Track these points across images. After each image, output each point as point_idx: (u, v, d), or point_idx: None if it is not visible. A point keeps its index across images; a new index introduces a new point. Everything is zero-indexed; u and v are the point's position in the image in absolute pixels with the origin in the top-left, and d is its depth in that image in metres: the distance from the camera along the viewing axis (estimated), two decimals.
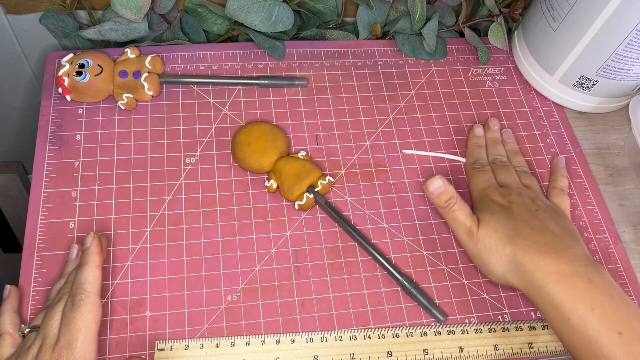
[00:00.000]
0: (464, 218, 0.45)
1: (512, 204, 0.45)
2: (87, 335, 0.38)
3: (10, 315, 0.41)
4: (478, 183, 0.49)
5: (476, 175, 0.49)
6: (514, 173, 0.49)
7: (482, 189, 0.48)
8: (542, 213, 0.44)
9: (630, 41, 0.47)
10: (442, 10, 0.59)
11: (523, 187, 0.48)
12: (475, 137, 0.53)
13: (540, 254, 0.40)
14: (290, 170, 0.48)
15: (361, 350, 0.43)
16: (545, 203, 0.47)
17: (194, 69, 0.55)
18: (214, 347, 0.42)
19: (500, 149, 0.52)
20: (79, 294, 0.39)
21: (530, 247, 0.41)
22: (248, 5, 0.51)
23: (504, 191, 0.46)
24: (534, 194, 0.47)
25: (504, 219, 0.43)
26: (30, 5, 0.54)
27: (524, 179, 0.49)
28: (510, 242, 0.42)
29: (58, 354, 0.36)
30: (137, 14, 0.51)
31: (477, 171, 0.50)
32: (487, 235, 0.43)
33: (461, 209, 0.45)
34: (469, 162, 0.52)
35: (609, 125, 0.57)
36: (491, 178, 0.49)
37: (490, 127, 0.54)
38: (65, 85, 0.50)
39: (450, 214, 0.45)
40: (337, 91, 0.56)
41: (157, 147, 0.50)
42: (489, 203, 0.45)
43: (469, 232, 0.44)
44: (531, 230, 0.42)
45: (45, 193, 0.47)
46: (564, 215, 0.46)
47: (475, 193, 0.48)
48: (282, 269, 0.46)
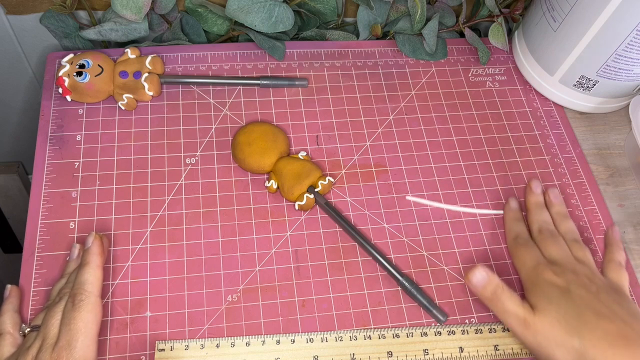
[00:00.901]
0: (514, 308, 0.41)
1: (569, 284, 0.40)
2: (87, 336, 0.38)
3: (10, 315, 0.41)
4: (525, 260, 0.44)
5: (521, 251, 0.45)
6: (564, 245, 0.45)
7: (530, 267, 0.43)
8: (603, 294, 0.40)
9: (630, 41, 0.47)
10: (442, 10, 0.59)
11: (576, 262, 0.43)
12: (512, 210, 0.49)
13: (613, 348, 0.37)
14: (290, 170, 0.48)
15: (361, 350, 0.43)
16: (604, 281, 0.43)
17: (194, 69, 0.55)
18: (214, 347, 0.42)
19: (545, 215, 0.48)
20: (79, 294, 0.39)
21: (600, 339, 0.37)
22: (248, 5, 0.51)
23: (557, 269, 0.42)
24: (590, 271, 0.43)
25: (564, 305, 0.39)
26: (30, 5, 0.54)
27: (575, 251, 0.45)
28: (577, 333, 0.38)
29: (57, 354, 0.36)
30: (137, 14, 0.51)
31: (520, 246, 0.45)
32: (548, 326, 0.39)
33: (510, 298, 0.41)
34: (510, 238, 0.47)
35: (609, 125, 0.57)
36: (538, 254, 0.44)
37: (533, 189, 0.50)
38: (65, 85, 0.50)
39: (499, 305, 0.41)
40: (337, 91, 0.56)
41: (157, 147, 0.50)
42: (543, 285, 0.41)
43: (523, 324, 0.40)
44: (598, 319, 0.38)
45: (45, 193, 0.47)
46: (624, 295, 0.43)
47: (524, 272, 0.44)
48: (282, 269, 0.46)
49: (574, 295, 0.40)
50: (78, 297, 0.39)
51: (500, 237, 0.49)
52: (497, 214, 0.50)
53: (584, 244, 0.46)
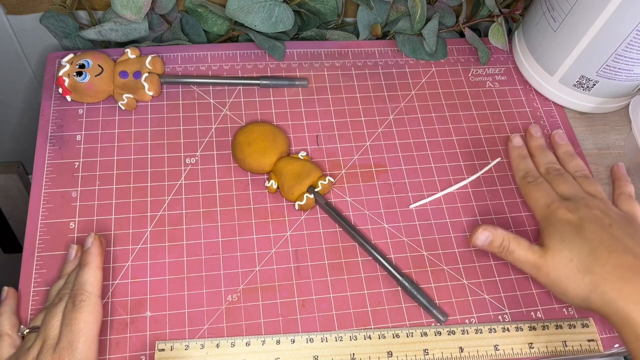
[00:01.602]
0: (524, 254, 0.42)
1: (582, 220, 0.41)
2: (88, 336, 0.38)
3: (8, 316, 0.41)
4: (538, 198, 0.44)
5: (532, 189, 0.45)
6: (573, 182, 0.45)
7: (544, 206, 0.44)
8: (616, 227, 0.41)
9: (630, 41, 0.47)
10: (442, 10, 0.59)
11: (589, 196, 0.44)
12: (516, 148, 0.49)
13: (623, 280, 0.38)
14: (290, 170, 0.48)
15: (361, 350, 0.43)
16: (617, 213, 0.43)
17: (194, 69, 0.55)
18: (214, 347, 0.42)
19: (550, 156, 0.48)
20: (79, 295, 0.39)
21: (610, 273, 0.38)
22: (248, 5, 0.51)
23: (570, 205, 0.42)
24: (603, 204, 0.43)
25: (578, 244, 0.40)
26: (30, 5, 0.54)
27: (586, 186, 0.45)
28: (588, 270, 0.39)
29: (59, 355, 0.36)
30: (137, 14, 0.51)
31: (530, 184, 0.46)
32: (562, 265, 0.40)
33: (518, 246, 0.42)
34: (519, 177, 0.48)
35: (609, 125, 0.57)
36: (550, 191, 0.44)
37: (532, 133, 0.50)
38: (65, 85, 0.50)
39: (509, 255, 0.42)
40: (337, 91, 0.56)
41: (157, 147, 0.50)
42: (556, 223, 0.42)
43: (535, 267, 0.41)
44: (609, 253, 0.39)
45: (45, 193, 0.47)
46: (637, 225, 0.43)
47: (538, 211, 0.44)
48: (282, 269, 0.46)
49: (587, 231, 0.40)
50: (79, 298, 0.39)
51: None
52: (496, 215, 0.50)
53: (594, 179, 0.47)
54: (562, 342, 0.44)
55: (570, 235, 0.41)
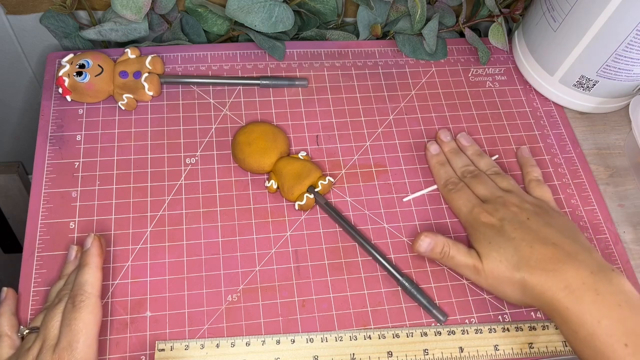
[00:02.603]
0: (464, 259, 0.44)
1: (502, 221, 0.43)
2: (88, 336, 0.38)
3: (7, 317, 0.41)
4: (460, 205, 0.47)
5: (453, 197, 0.48)
6: (488, 181, 0.48)
7: (466, 212, 0.46)
8: (533, 220, 0.43)
9: (630, 41, 0.47)
10: (442, 10, 0.59)
11: (504, 192, 0.47)
12: (434, 156, 0.51)
13: (546, 272, 0.40)
14: (290, 170, 0.48)
15: (361, 350, 0.43)
16: (531, 203, 0.46)
17: (194, 69, 0.55)
18: (214, 347, 0.42)
19: (463, 159, 0.51)
20: (79, 295, 0.39)
21: (535, 268, 0.40)
22: (248, 5, 0.51)
23: (490, 207, 0.45)
24: (517, 197, 0.46)
25: (503, 245, 0.42)
26: (30, 5, 0.54)
27: (500, 182, 0.48)
28: (516, 268, 0.41)
29: (59, 355, 0.36)
30: (137, 14, 0.51)
31: (452, 192, 0.48)
32: (494, 269, 0.42)
33: (458, 252, 0.44)
34: (440, 185, 0.50)
35: (609, 125, 0.57)
36: (470, 196, 0.47)
37: (442, 139, 0.52)
38: (65, 85, 0.50)
39: (450, 260, 0.44)
40: (337, 91, 0.56)
41: (157, 147, 0.50)
42: (480, 228, 0.44)
43: (474, 270, 0.43)
44: (532, 248, 0.41)
45: (45, 193, 0.47)
46: (552, 211, 0.46)
47: (462, 217, 0.47)
48: (282, 269, 0.46)
49: (508, 230, 0.43)
50: (78, 298, 0.39)
51: None
52: None
53: (505, 173, 0.50)
54: (562, 342, 0.44)
55: (494, 237, 0.43)
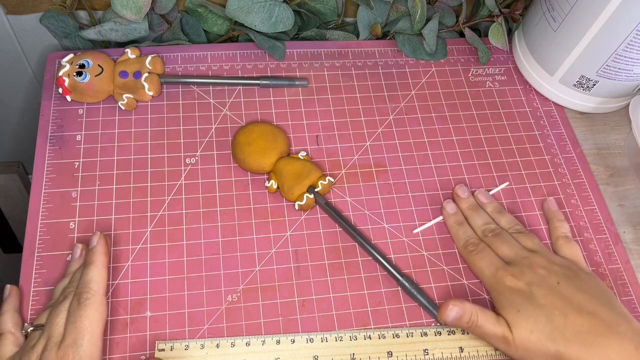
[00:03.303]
0: (493, 328, 0.40)
1: (531, 287, 0.41)
2: (93, 334, 0.38)
3: (11, 314, 0.41)
4: (482, 268, 0.44)
5: (475, 260, 0.45)
6: (511, 240, 0.45)
7: (489, 275, 0.43)
8: (564, 284, 0.41)
9: (630, 41, 0.47)
10: (442, 10, 0.59)
11: (529, 253, 0.44)
12: (451, 215, 0.48)
13: (585, 347, 0.37)
14: (290, 170, 0.48)
15: (361, 350, 0.43)
16: (560, 265, 0.43)
17: (194, 69, 0.55)
18: (214, 347, 0.42)
19: (484, 217, 0.48)
20: (85, 293, 0.39)
21: (571, 341, 0.38)
22: (248, 5, 0.51)
23: (515, 270, 0.42)
24: (544, 258, 0.43)
25: (533, 313, 0.39)
26: (30, 5, 0.54)
27: (524, 242, 0.45)
28: (550, 340, 0.38)
29: (64, 352, 0.36)
30: (137, 14, 0.51)
31: (473, 254, 0.45)
32: (525, 340, 0.39)
33: (486, 320, 0.41)
34: (460, 246, 0.47)
35: (609, 125, 0.57)
36: (492, 258, 0.44)
37: (460, 195, 0.49)
38: (65, 85, 0.50)
39: (478, 329, 0.41)
40: (337, 91, 0.56)
41: (157, 147, 0.50)
42: (507, 293, 0.41)
43: (504, 341, 0.40)
44: (566, 318, 0.39)
45: (45, 193, 0.47)
46: (583, 273, 0.43)
47: (485, 281, 0.44)
48: (282, 269, 0.46)
49: (538, 297, 0.40)
50: (84, 296, 0.39)
51: None
52: None
53: (528, 232, 0.47)
54: None
55: (523, 304, 0.40)
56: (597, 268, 0.48)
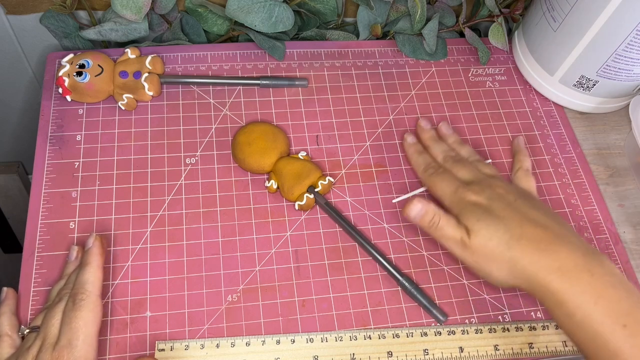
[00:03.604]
0: (452, 231, 0.42)
1: (490, 200, 0.43)
2: (88, 335, 0.38)
3: (8, 317, 0.41)
4: (443, 188, 0.45)
5: (436, 180, 0.46)
6: (471, 166, 0.47)
7: (450, 193, 0.45)
8: (520, 202, 0.43)
9: (630, 41, 0.47)
10: (442, 10, 0.59)
11: (488, 177, 0.46)
12: (411, 145, 0.51)
13: (539, 252, 0.39)
14: (290, 170, 0.48)
15: (361, 350, 0.43)
16: (517, 189, 0.46)
17: (194, 69, 0.55)
18: (214, 347, 0.42)
19: (444, 145, 0.50)
20: (79, 294, 0.39)
21: (527, 246, 0.40)
22: (248, 5, 0.51)
23: (475, 187, 0.44)
24: (503, 182, 0.45)
25: (492, 222, 0.41)
26: (30, 5, 0.54)
27: (483, 168, 0.47)
28: (507, 246, 0.40)
29: (58, 353, 0.36)
30: (137, 14, 0.51)
31: (434, 176, 0.47)
32: (482, 245, 0.41)
33: (447, 222, 0.43)
34: (420, 171, 0.49)
35: (609, 125, 0.57)
36: (453, 177, 0.46)
37: (423, 126, 0.52)
38: (65, 85, 0.50)
39: (438, 231, 0.43)
40: (337, 91, 0.56)
41: (157, 147, 0.50)
42: (468, 206, 0.43)
43: (461, 244, 0.42)
44: (522, 228, 0.41)
45: (45, 193, 0.47)
46: (536, 198, 0.46)
47: (446, 199, 0.45)
48: (282, 269, 0.46)
49: (497, 209, 0.42)
50: (79, 297, 0.39)
51: None
52: None
53: (487, 163, 0.49)
54: (562, 342, 0.44)
55: (483, 215, 0.42)
56: None
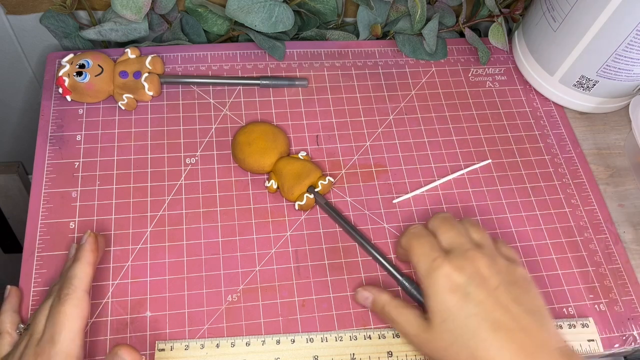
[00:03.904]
0: (409, 328, 0.39)
1: (468, 286, 0.37)
2: (70, 330, 0.37)
3: (9, 314, 0.41)
4: (421, 253, 0.39)
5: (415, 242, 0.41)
6: (462, 229, 0.41)
7: (426, 262, 0.39)
8: (502, 289, 0.37)
9: (630, 41, 0.47)
10: (442, 10, 0.59)
11: (474, 247, 0.39)
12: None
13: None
14: (290, 170, 0.48)
15: (361, 350, 0.43)
16: (503, 266, 0.39)
17: (194, 69, 0.55)
18: (214, 347, 0.42)
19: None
20: (65, 288, 0.39)
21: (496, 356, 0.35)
22: (248, 5, 0.51)
23: (456, 261, 0.38)
24: (489, 256, 0.39)
25: (459, 323, 0.36)
26: (30, 5, 0.54)
27: (473, 232, 0.41)
28: (472, 356, 0.36)
29: (41, 349, 0.36)
30: (137, 14, 0.51)
31: (415, 237, 0.41)
32: (441, 349, 0.37)
33: (399, 316, 0.40)
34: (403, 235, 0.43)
35: (609, 125, 0.57)
36: (435, 242, 0.40)
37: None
38: (65, 85, 0.50)
39: (390, 321, 0.41)
40: (337, 91, 0.56)
41: (157, 147, 0.50)
42: (439, 290, 0.37)
43: (416, 339, 0.39)
44: (494, 334, 0.35)
45: (45, 193, 0.47)
46: (522, 279, 0.39)
47: (420, 267, 0.39)
48: (282, 269, 0.46)
49: (472, 302, 0.37)
50: (64, 292, 0.38)
51: (500, 237, 0.49)
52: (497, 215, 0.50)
53: (478, 223, 0.43)
54: None
55: (453, 311, 0.37)
56: (597, 268, 0.48)
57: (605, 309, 0.46)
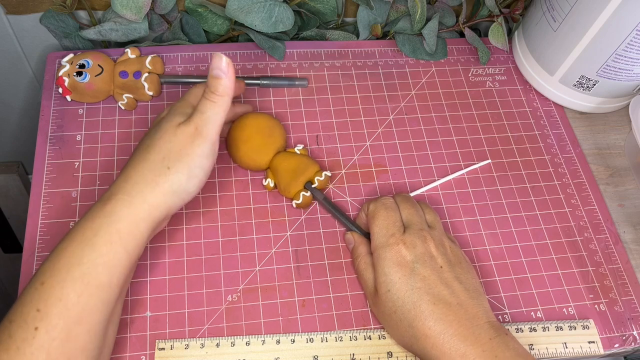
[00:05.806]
0: (365, 282, 0.43)
1: (415, 263, 0.40)
2: None
3: None
4: (381, 220, 0.43)
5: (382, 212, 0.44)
6: (419, 207, 0.45)
7: (385, 235, 0.42)
8: (446, 269, 0.41)
9: (630, 41, 0.47)
10: (442, 10, 0.59)
11: (427, 228, 0.43)
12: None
13: (443, 337, 0.38)
14: (287, 166, 0.47)
15: (361, 350, 0.43)
16: (450, 248, 0.43)
17: (194, 69, 0.55)
18: (214, 346, 0.42)
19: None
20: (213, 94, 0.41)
21: (431, 329, 0.38)
22: (248, 5, 0.51)
23: (408, 239, 0.41)
24: (438, 238, 0.43)
25: (402, 295, 0.40)
26: (30, 5, 0.54)
27: (427, 213, 0.45)
28: (410, 325, 0.39)
29: None
30: (137, 14, 0.51)
31: (383, 208, 0.44)
32: (386, 314, 0.41)
33: (365, 270, 0.43)
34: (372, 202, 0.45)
35: (609, 125, 0.57)
36: (397, 219, 0.43)
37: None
38: (65, 85, 0.50)
39: (357, 274, 0.45)
40: (337, 91, 0.56)
41: None
42: (389, 264, 0.41)
43: (372, 295, 0.42)
44: (433, 306, 0.39)
45: (45, 193, 0.47)
46: (465, 262, 0.43)
47: (378, 237, 0.42)
48: (282, 269, 0.46)
49: (417, 275, 0.40)
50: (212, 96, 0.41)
51: (500, 237, 0.49)
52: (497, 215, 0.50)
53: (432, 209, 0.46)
54: (562, 343, 0.44)
55: (397, 283, 0.40)
56: (597, 268, 0.48)
57: (605, 309, 0.46)
